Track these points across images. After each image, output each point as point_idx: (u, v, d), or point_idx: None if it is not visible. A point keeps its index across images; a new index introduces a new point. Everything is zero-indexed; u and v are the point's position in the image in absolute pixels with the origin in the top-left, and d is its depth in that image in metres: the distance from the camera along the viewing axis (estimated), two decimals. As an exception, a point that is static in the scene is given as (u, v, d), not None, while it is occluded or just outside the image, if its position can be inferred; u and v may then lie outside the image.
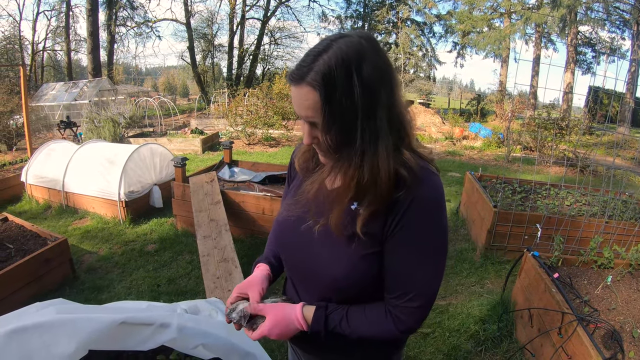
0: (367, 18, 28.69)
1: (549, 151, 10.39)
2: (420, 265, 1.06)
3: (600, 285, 2.99)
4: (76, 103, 16.54)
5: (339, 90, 0.93)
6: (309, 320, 1.13)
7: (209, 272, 3.90)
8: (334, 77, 0.92)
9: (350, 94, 0.93)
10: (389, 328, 1.10)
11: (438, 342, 3.25)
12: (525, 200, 5.13)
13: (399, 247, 1.06)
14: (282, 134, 13.40)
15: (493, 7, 24.23)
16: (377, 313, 1.12)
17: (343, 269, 1.10)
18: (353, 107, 0.95)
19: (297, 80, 0.97)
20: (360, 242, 1.08)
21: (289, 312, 1.14)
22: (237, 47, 29.35)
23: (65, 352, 1.47)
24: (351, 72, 0.92)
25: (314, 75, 0.94)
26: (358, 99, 0.94)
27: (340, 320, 1.12)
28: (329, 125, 0.98)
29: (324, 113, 0.96)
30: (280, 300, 1.24)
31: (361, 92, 0.93)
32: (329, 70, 0.92)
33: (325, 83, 0.93)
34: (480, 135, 14.31)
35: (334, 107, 0.95)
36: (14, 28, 26.76)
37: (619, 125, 16.74)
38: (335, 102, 0.94)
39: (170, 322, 1.64)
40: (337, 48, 0.94)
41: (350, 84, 0.93)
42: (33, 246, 4.14)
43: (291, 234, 1.24)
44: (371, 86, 0.95)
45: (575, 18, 20.49)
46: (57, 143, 6.96)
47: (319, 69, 0.93)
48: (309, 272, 1.20)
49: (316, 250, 1.15)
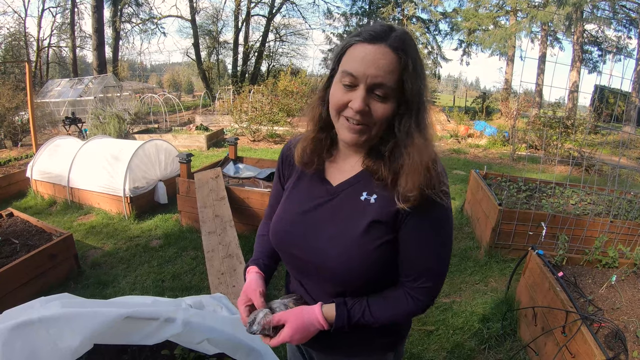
0: (372, 15, 28.59)
1: (554, 150, 10.35)
2: (434, 248, 1.12)
3: (604, 285, 2.99)
4: (81, 99, 16.62)
5: (412, 63, 0.98)
6: (331, 319, 1.14)
7: (213, 268, 3.91)
8: (411, 49, 0.99)
9: (420, 72, 1.00)
10: (409, 309, 1.16)
11: (442, 340, 3.25)
12: (530, 199, 5.12)
13: (413, 233, 1.08)
14: (286, 130, 13.38)
15: (499, 5, 24.18)
16: (396, 298, 1.16)
17: (357, 261, 1.10)
18: (417, 84, 1.00)
19: (378, 40, 0.99)
20: (374, 232, 1.09)
21: (308, 316, 1.15)
22: (242, 44, 29.37)
23: (71, 345, 1.48)
24: (417, 52, 1.01)
25: (396, 41, 0.98)
26: (420, 80, 1.00)
27: (362, 312, 1.14)
28: (394, 91, 1.00)
29: (398, 77, 0.99)
30: (292, 301, 1.24)
31: (422, 75, 1.01)
32: (408, 41, 0.99)
33: (405, 51, 0.98)
34: (486, 134, 14.27)
35: (406, 76, 0.99)
36: (19, 25, 26.91)
37: (625, 125, 16.66)
38: (408, 71, 0.98)
39: (175, 317, 1.65)
40: (402, 30, 1.00)
41: (419, 63, 1.00)
42: (38, 241, 4.16)
43: (294, 234, 1.22)
44: (423, 74, 1.02)
45: (581, 16, 20.40)
46: (62, 139, 6.98)
47: (398, 37, 0.98)
48: (317, 268, 1.19)
49: (324, 246, 1.14)
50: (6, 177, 6.78)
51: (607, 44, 23.30)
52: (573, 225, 4.21)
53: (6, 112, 11.33)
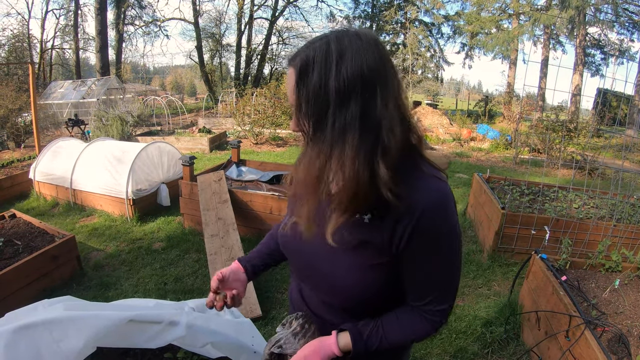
0: (375, 18, 28.60)
1: (557, 153, 10.35)
2: (443, 270, 1.08)
3: (607, 289, 2.98)
4: (84, 101, 16.64)
5: (315, 74, 0.93)
6: (346, 349, 1.14)
7: (216, 271, 3.91)
8: (314, 62, 0.94)
9: (325, 82, 0.92)
10: (426, 332, 1.15)
11: (445, 344, 3.24)
12: (533, 203, 5.11)
13: (418, 257, 1.05)
14: (289, 133, 13.39)
15: (501, 8, 24.16)
16: (411, 321, 1.14)
17: (351, 279, 1.09)
18: (326, 94, 0.93)
19: (288, 63, 1.01)
20: (364, 252, 1.07)
21: (324, 353, 1.15)
22: (245, 47, 29.37)
23: (75, 348, 1.48)
24: (331, 61, 0.92)
25: (297, 59, 0.98)
26: (332, 89, 0.92)
27: (380, 341, 1.13)
28: (300, 105, 0.99)
29: (297, 93, 0.98)
30: (298, 324, 1.25)
31: (336, 84, 0.92)
32: (313, 55, 0.95)
33: (303, 66, 0.96)
34: (488, 137, 14.28)
35: (307, 89, 0.95)
36: (22, 26, 26.89)
37: (628, 128, 16.62)
38: (309, 84, 0.95)
39: (179, 320, 1.65)
40: (328, 39, 0.96)
41: (327, 72, 0.92)
42: (41, 243, 4.16)
43: (296, 240, 1.22)
44: (351, 80, 0.92)
45: (584, 19, 20.39)
46: (65, 141, 6.99)
47: (305, 54, 0.96)
48: (314, 278, 1.20)
49: (323, 258, 1.14)
50: (9, 178, 6.80)
51: (609, 47, 23.27)
52: (576, 229, 4.20)
53: (9, 114, 11.37)
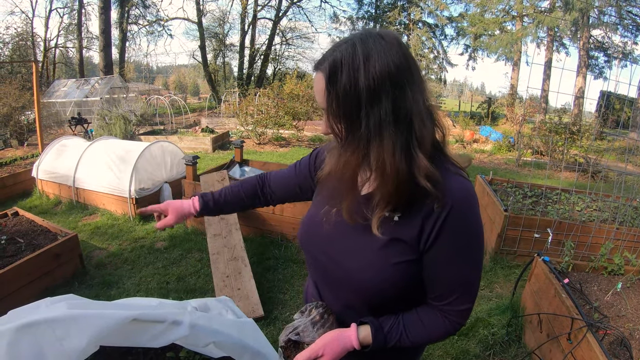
0: (378, 19, 28.60)
1: (560, 156, 10.33)
2: (467, 269, 1.09)
3: (610, 292, 2.97)
4: (87, 100, 16.69)
5: (345, 76, 0.95)
6: (366, 343, 1.14)
7: (218, 271, 3.92)
8: (342, 64, 0.95)
9: (355, 82, 0.94)
10: (446, 331, 1.15)
11: (447, 346, 3.23)
12: (536, 205, 5.10)
13: (444, 254, 1.05)
14: (292, 134, 13.40)
15: (505, 10, 24.14)
16: (432, 320, 1.15)
17: (373, 275, 1.09)
18: (357, 94, 0.94)
19: (315, 68, 1.03)
20: (392, 250, 1.07)
21: (344, 345, 1.14)
22: (249, 47, 29.43)
23: (77, 347, 1.48)
24: (359, 62, 0.94)
25: (325, 63, 0.98)
26: (362, 88, 0.94)
27: (399, 337, 1.14)
28: (332, 107, 0.99)
29: (327, 95, 0.99)
30: (318, 315, 1.22)
31: (366, 83, 0.93)
32: (340, 58, 0.96)
33: (331, 69, 0.97)
34: (491, 139, 14.25)
35: (337, 91, 0.96)
36: (26, 25, 26.88)
37: (631, 131, 16.57)
38: (339, 86, 0.96)
39: (182, 319, 1.65)
40: (353, 41, 0.97)
41: (356, 73, 0.94)
42: (43, 241, 4.18)
43: (319, 234, 1.23)
44: (380, 78, 0.93)
45: (588, 22, 20.39)
46: (68, 139, 7.01)
47: (332, 57, 0.97)
48: (337, 275, 1.19)
49: (348, 255, 1.14)
50: (12, 176, 6.82)
51: (613, 50, 23.22)
52: (579, 231, 4.19)
53: (13, 112, 11.40)
